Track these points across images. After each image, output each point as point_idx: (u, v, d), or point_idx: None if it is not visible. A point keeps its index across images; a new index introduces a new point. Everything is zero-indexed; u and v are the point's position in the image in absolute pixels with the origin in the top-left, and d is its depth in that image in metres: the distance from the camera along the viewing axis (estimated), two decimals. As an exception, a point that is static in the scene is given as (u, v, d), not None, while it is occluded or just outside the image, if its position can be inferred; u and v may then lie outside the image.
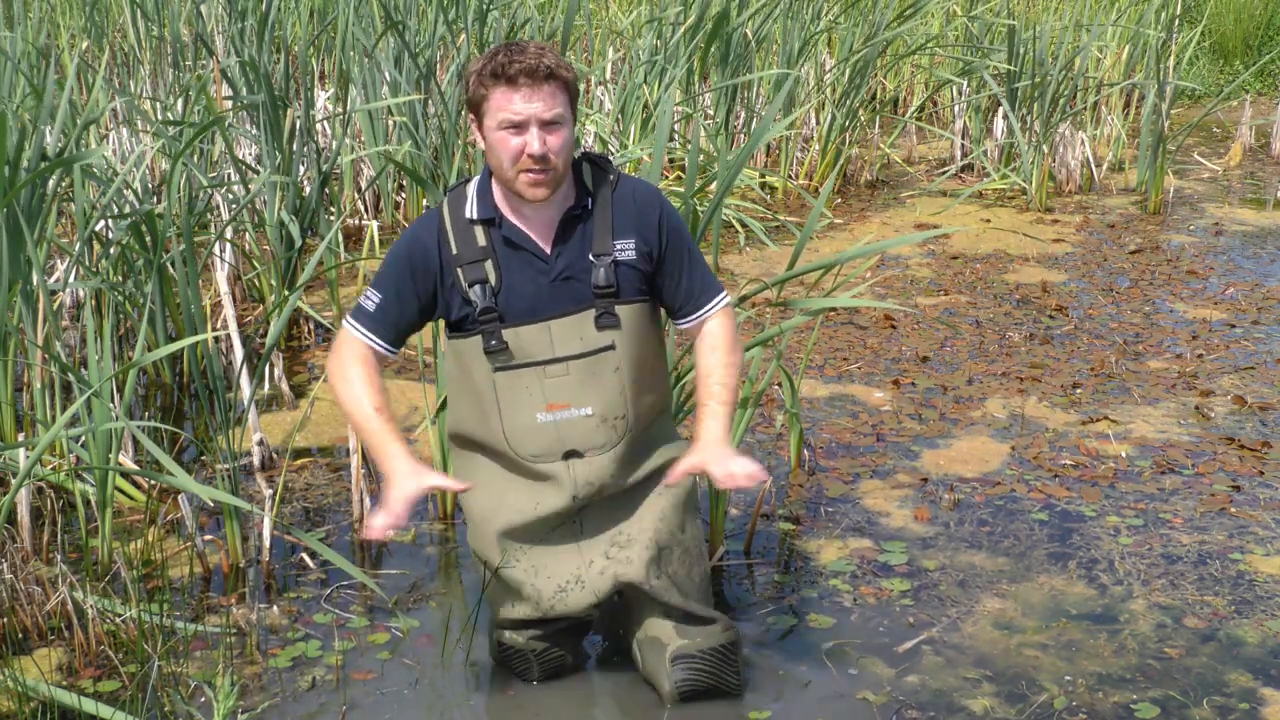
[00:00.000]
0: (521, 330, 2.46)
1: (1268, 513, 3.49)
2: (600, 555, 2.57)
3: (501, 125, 2.35)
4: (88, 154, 3.56)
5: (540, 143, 2.34)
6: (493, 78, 2.34)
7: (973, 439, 3.98)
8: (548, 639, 2.67)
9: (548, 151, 2.35)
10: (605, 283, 2.45)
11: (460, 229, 2.47)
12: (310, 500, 3.60)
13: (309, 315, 4.84)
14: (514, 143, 2.35)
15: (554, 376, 2.47)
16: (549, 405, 2.47)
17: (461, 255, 2.46)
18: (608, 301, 2.46)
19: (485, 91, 2.35)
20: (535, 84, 2.32)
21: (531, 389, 2.47)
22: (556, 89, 2.35)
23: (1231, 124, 8.77)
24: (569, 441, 2.49)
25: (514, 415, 2.49)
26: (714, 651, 2.60)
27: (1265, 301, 5.27)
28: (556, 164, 2.37)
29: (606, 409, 2.49)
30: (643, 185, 2.55)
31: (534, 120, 2.33)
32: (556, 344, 2.46)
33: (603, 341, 2.47)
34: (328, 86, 7.12)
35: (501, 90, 2.33)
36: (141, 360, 3.12)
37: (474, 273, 2.45)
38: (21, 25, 6.75)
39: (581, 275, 2.46)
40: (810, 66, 7.54)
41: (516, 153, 2.35)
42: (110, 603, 2.92)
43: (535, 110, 2.33)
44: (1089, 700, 2.68)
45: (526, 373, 2.47)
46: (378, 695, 2.71)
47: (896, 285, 5.53)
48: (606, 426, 2.49)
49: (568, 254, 2.46)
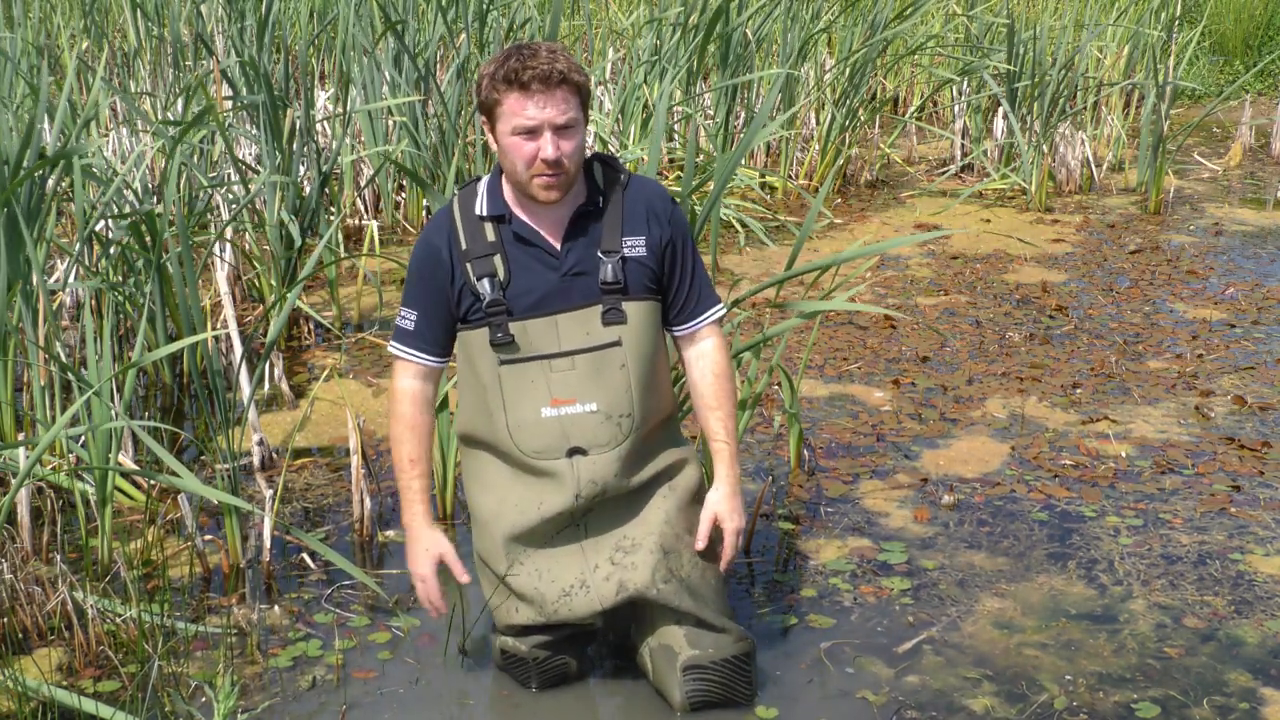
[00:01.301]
0: (528, 324, 2.47)
1: (1268, 513, 3.49)
2: (605, 560, 2.55)
3: (515, 131, 2.37)
4: (82, 146, 3.56)
5: (554, 148, 2.36)
6: (506, 83, 2.35)
7: (973, 439, 3.98)
8: (550, 646, 2.66)
9: (561, 156, 2.37)
10: (613, 279, 2.47)
11: (470, 225, 2.50)
12: (310, 500, 3.60)
13: (309, 315, 4.84)
14: (528, 148, 2.37)
15: (560, 371, 2.48)
16: (554, 400, 2.48)
17: (470, 250, 2.49)
18: (615, 298, 2.48)
19: (498, 96, 2.37)
20: (549, 90, 2.34)
21: (537, 383, 2.48)
22: (569, 93, 2.37)
23: (1231, 124, 8.78)
24: (573, 438, 2.49)
25: (519, 409, 2.50)
26: (726, 663, 2.57)
27: (1265, 301, 5.27)
28: (569, 167, 2.40)
29: (612, 406, 2.49)
30: (654, 185, 2.58)
31: (548, 125, 2.35)
32: (563, 338, 2.47)
33: (609, 337, 2.48)
34: (328, 86, 7.12)
35: (515, 96, 2.35)
36: (141, 360, 3.12)
37: (482, 267, 2.48)
38: (22, 26, 6.75)
39: (591, 271, 2.48)
40: (810, 66, 7.54)
41: (530, 157, 2.37)
42: (110, 603, 2.92)
43: (549, 116, 2.35)
44: (1089, 700, 2.68)
45: (532, 366, 2.48)
46: (378, 695, 2.71)
47: (896, 285, 5.53)
48: (611, 424, 2.49)
49: (578, 250, 2.48)
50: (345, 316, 5.06)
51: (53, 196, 3.81)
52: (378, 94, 5.98)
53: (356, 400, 4.21)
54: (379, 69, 6.04)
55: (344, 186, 5.94)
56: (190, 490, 3.03)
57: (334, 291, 4.94)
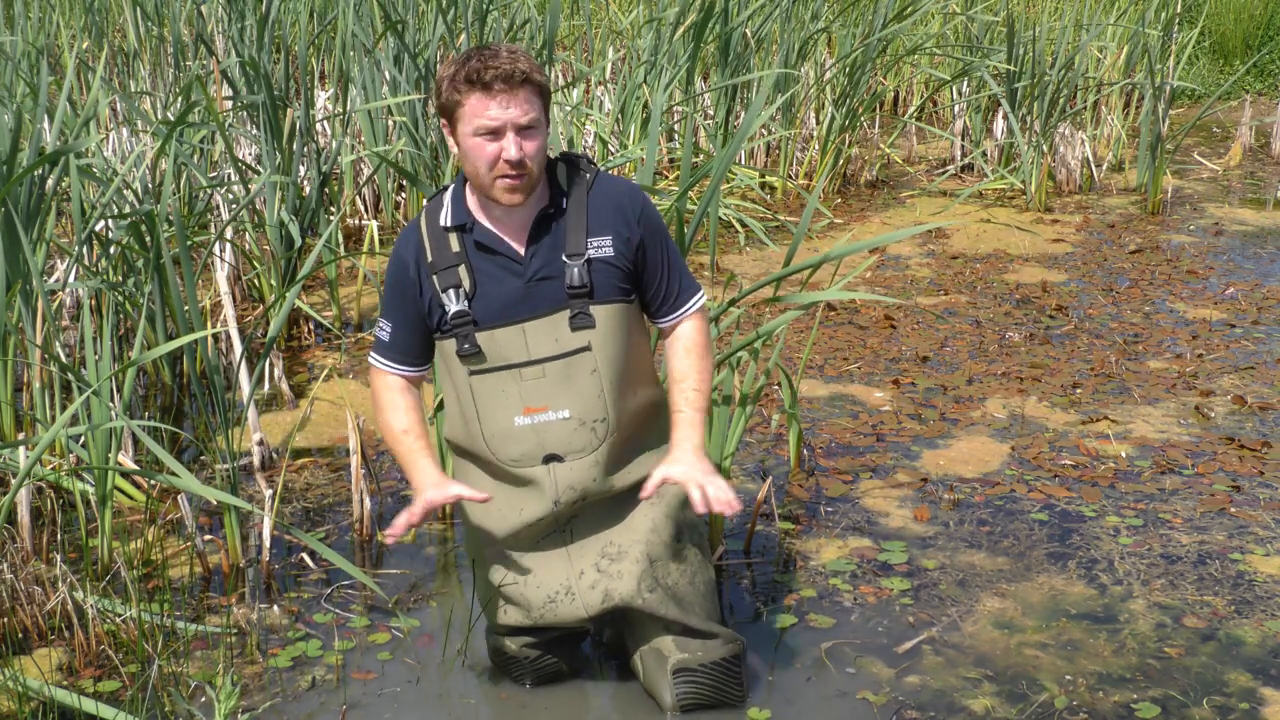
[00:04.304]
0: (496, 333, 2.45)
1: (1268, 513, 3.49)
2: (590, 566, 2.54)
3: (478, 132, 2.33)
4: (80, 143, 3.56)
5: (517, 148, 2.32)
6: (467, 84, 2.32)
7: (973, 439, 3.98)
8: (540, 646, 2.66)
9: (525, 156, 2.34)
10: (579, 283, 2.43)
11: (435, 236, 2.48)
12: (310, 500, 3.60)
13: (309, 315, 4.84)
14: (490, 149, 2.34)
15: (530, 379, 2.45)
16: (526, 409, 2.46)
17: (436, 262, 2.46)
18: (582, 302, 2.44)
19: (459, 98, 2.34)
20: (511, 89, 2.31)
21: (508, 392, 2.46)
22: (532, 94, 2.34)
23: (1231, 124, 8.78)
24: (548, 445, 2.47)
25: (492, 419, 2.48)
26: (715, 665, 2.57)
27: (1265, 301, 5.27)
28: (532, 168, 2.36)
29: (585, 412, 2.46)
30: (621, 182, 2.53)
31: (511, 126, 2.32)
32: (531, 346, 2.44)
33: (578, 343, 2.45)
34: (328, 86, 7.12)
35: (477, 96, 2.32)
36: (140, 358, 3.12)
37: (448, 278, 2.45)
38: (21, 25, 6.75)
39: (556, 275, 2.44)
40: (810, 66, 7.54)
41: (493, 159, 2.34)
42: (110, 603, 2.92)
43: (512, 116, 2.32)
44: (1089, 700, 2.68)
45: (503, 375, 2.46)
46: (378, 695, 2.71)
47: (896, 285, 5.53)
48: (585, 430, 2.47)
49: (542, 254, 2.44)
50: (345, 316, 5.06)
51: (52, 196, 3.81)
52: (377, 94, 5.98)
53: (356, 400, 4.21)
54: (379, 69, 6.04)
55: (344, 186, 5.94)
56: (190, 490, 3.03)
57: (334, 291, 4.94)
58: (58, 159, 3.67)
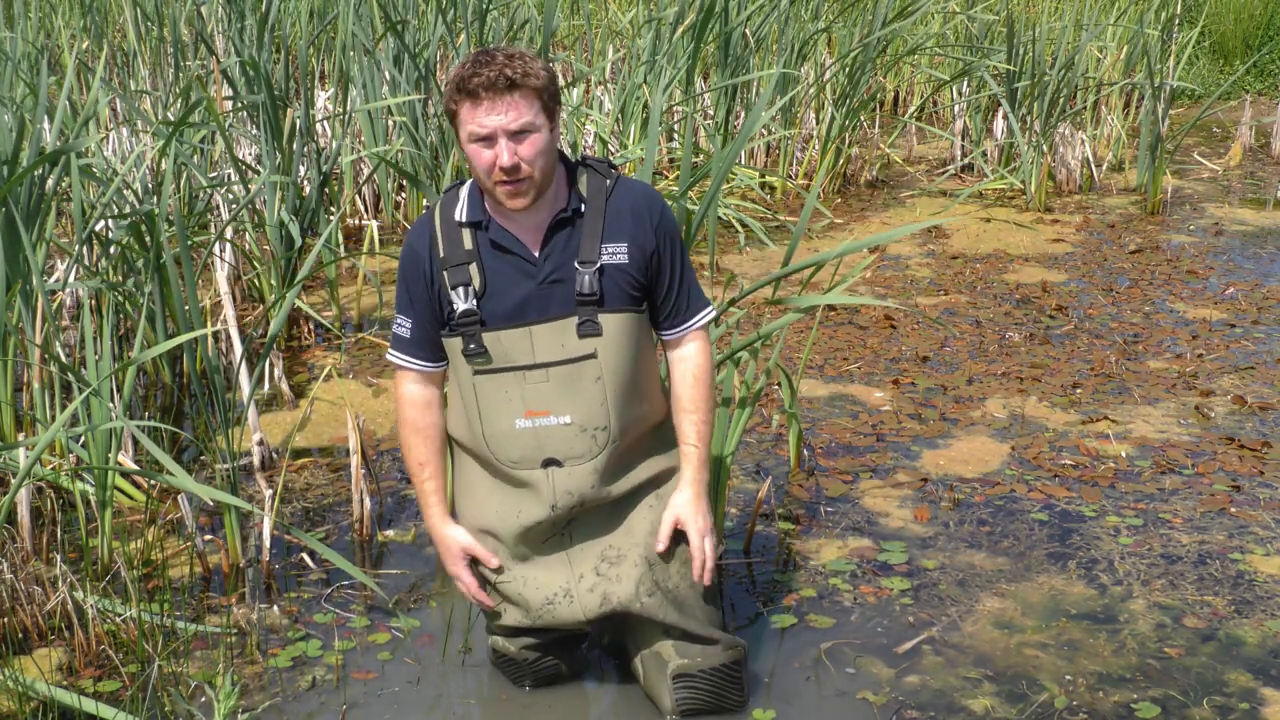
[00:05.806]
0: (503, 334, 2.44)
1: (1268, 513, 3.49)
2: (590, 570, 2.53)
3: (471, 139, 2.33)
4: (79, 143, 3.56)
5: (510, 154, 2.31)
6: (459, 91, 2.32)
7: (973, 439, 3.98)
8: (540, 648, 2.66)
9: (519, 162, 2.32)
10: (589, 290, 2.41)
11: (449, 231, 2.47)
12: (310, 500, 3.60)
13: (309, 315, 4.84)
14: (486, 155, 2.33)
15: (534, 383, 2.44)
16: (528, 411, 2.45)
17: (448, 258, 2.45)
18: (591, 309, 2.42)
19: (455, 106, 2.34)
20: (496, 96, 2.29)
21: (511, 393, 2.45)
22: (522, 97, 2.31)
23: (1231, 124, 8.78)
24: (548, 449, 2.46)
25: (494, 419, 2.48)
26: (715, 671, 2.57)
27: (1265, 301, 5.27)
28: (532, 172, 2.34)
29: (586, 419, 2.45)
30: (642, 188, 2.52)
31: (501, 132, 2.31)
32: (538, 349, 2.43)
33: (584, 350, 2.43)
34: (328, 86, 7.12)
35: (468, 105, 2.31)
36: (140, 357, 3.12)
37: (458, 275, 2.44)
38: (21, 25, 6.75)
39: (568, 279, 2.42)
40: (810, 66, 7.54)
41: (489, 165, 2.33)
42: (110, 603, 2.92)
43: (500, 123, 2.30)
44: (1089, 700, 2.68)
45: (507, 377, 2.45)
46: (378, 695, 2.71)
47: (896, 285, 5.53)
48: (586, 436, 2.46)
49: (555, 258, 2.43)
50: (345, 316, 5.06)
51: (52, 196, 3.81)
52: (377, 94, 5.98)
53: (356, 400, 4.21)
54: (379, 69, 6.04)
55: (344, 186, 5.94)
56: (189, 490, 3.03)
57: (334, 291, 4.94)
58: (58, 159, 3.67)
